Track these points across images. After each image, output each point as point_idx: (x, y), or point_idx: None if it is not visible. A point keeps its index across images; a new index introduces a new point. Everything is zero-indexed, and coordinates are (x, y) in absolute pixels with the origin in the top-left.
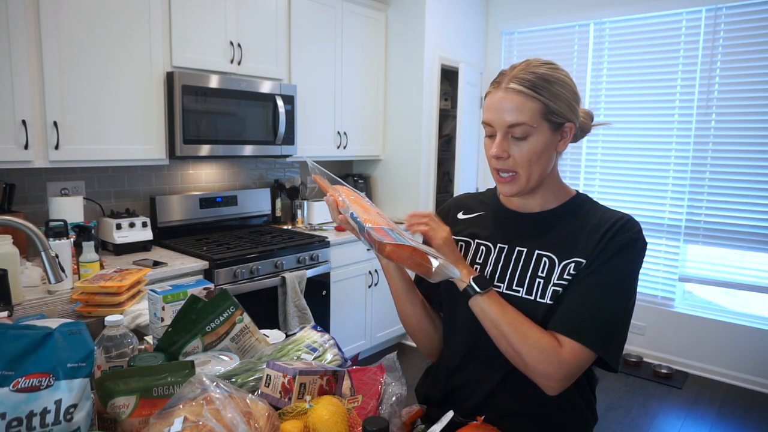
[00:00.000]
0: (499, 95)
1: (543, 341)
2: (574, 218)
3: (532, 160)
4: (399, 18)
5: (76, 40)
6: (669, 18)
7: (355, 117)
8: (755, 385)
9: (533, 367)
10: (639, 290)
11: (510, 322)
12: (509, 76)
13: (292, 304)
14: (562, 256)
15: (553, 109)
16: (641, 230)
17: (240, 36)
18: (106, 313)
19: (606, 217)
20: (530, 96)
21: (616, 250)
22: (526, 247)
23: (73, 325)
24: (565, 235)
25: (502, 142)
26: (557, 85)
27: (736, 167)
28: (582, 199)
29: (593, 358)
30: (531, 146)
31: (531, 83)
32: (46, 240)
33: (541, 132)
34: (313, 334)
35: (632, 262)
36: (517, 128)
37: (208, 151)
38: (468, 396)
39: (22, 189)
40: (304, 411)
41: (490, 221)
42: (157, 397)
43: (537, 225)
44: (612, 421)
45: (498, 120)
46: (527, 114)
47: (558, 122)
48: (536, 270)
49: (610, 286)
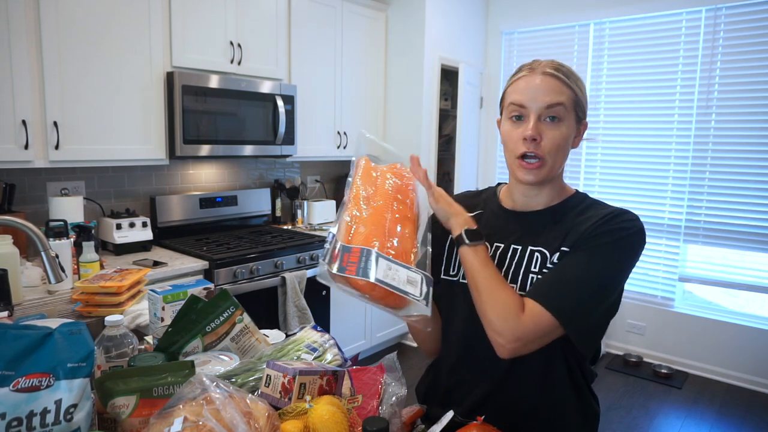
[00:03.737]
0: (538, 78)
1: (509, 299)
2: (571, 214)
3: (561, 146)
4: (399, 18)
5: (77, 41)
6: (669, 18)
7: (355, 117)
8: (755, 385)
9: (491, 321)
10: (639, 290)
11: (486, 276)
12: (543, 64)
13: (292, 304)
14: (553, 250)
15: (580, 100)
16: (637, 219)
17: (240, 36)
18: (106, 313)
19: (602, 211)
20: (566, 83)
21: (606, 234)
22: (521, 245)
23: (73, 325)
24: (558, 230)
25: (537, 124)
26: (580, 81)
27: (736, 167)
28: (581, 197)
29: (554, 327)
30: (562, 132)
31: (565, 73)
32: (46, 240)
33: (570, 121)
34: (313, 334)
35: (621, 250)
36: (555, 109)
37: (208, 151)
38: (466, 394)
39: (22, 189)
40: (304, 411)
41: (489, 220)
42: (157, 397)
43: (534, 223)
44: (612, 421)
45: (536, 100)
46: (564, 96)
47: (580, 116)
48: (529, 266)
49: (589, 261)
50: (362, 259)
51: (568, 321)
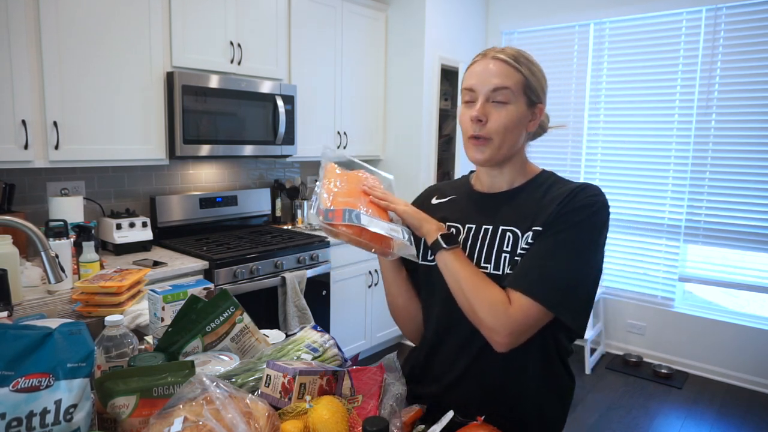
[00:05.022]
0: (486, 62)
1: (494, 296)
2: (538, 191)
3: (508, 127)
4: (399, 18)
5: (77, 40)
6: (669, 18)
7: (355, 117)
8: (755, 385)
9: (483, 320)
10: (639, 290)
11: (468, 277)
12: (494, 50)
13: (292, 304)
14: (524, 229)
15: (531, 84)
16: (601, 193)
17: (240, 36)
18: (106, 313)
19: (567, 187)
20: (514, 67)
21: (572, 213)
22: (492, 225)
23: (73, 325)
24: (527, 209)
25: (483, 105)
26: (534, 66)
27: (736, 167)
28: (546, 175)
29: (544, 315)
30: (509, 113)
31: (514, 57)
32: (46, 240)
33: (519, 104)
34: (313, 334)
35: (591, 223)
36: (501, 92)
37: (208, 151)
38: (445, 372)
39: (22, 189)
40: (304, 411)
41: (461, 204)
42: (157, 397)
43: (503, 202)
44: (612, 421)
45: (483, 84)
46: (511, 80)
47: (533, 100)
48: (501, 245)
49: (563, 244)
50: (346, 214)
51: (557, 306)
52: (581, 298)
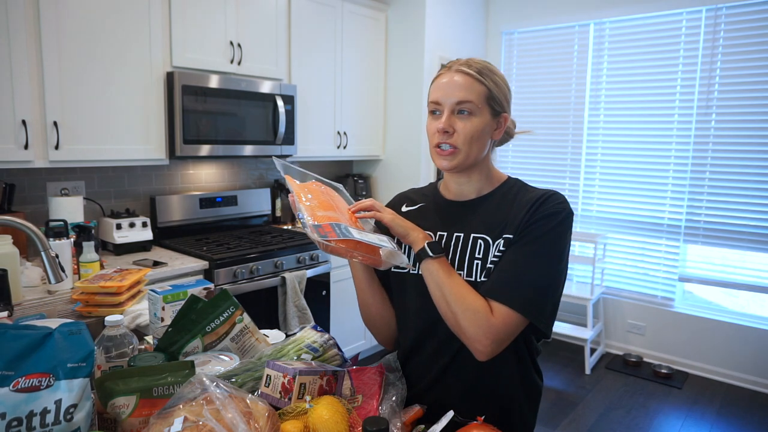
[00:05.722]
0: (450, 76)
1: (476, 305)
2: (506, 199)
3: (473, 137)
4: (399, 18)
5: (77, 40)
6: (669, 18)
7: (355, 117)
8: (755, 385)
9: (465, 329)
10: (639, 290)
11: (452, 286)
12: (458, 62)
13: (292, 304)
14: (495, 236)
15: (495, 95)
16: (565, 201)
17: (240, 36)
18: (106, 313)
19: (533, 195)
20: (477, 79)
21: (541, 221)
22: (463, 232)
23: (73, 325)
24: (496, 216)
25: (449, 117)
26: (497, 77)
27: (736, 167)
28: (512, 182)
29: (522, 322)
30: (474, 124)
31: (477, 70)
32: (46, 240)
33: (483, 114)
34: (313, 334)
35: (558, 232)
36: (465, 105)
37: (208, 151)
38: (424, 374)
39: (22, 189)
40: (304, 411)
41: (431, 212)
42: (157, 397)
43: (472, 210)
44: (612, 421)
45: (448, 97)
46: (474, 94)
47: (497, 110)
48: (473, 252)
49: (536, 254)
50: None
51: (535, 314)
52: (553, 304)
